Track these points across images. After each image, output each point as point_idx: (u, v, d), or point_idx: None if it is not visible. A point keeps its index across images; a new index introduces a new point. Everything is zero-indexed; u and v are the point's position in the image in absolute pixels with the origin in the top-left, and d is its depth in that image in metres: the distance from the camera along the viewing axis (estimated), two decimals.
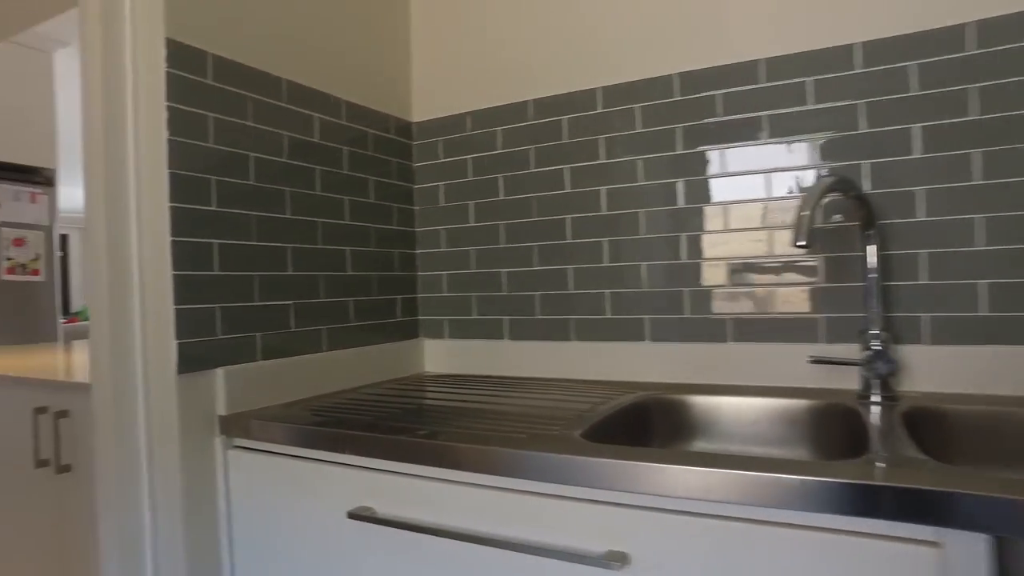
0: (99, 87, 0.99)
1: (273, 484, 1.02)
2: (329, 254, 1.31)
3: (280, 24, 1.23)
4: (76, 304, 8.41)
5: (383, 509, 0.92)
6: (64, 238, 3.73)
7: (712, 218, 1.27)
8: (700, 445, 1.16)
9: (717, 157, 1.26)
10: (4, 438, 1.73)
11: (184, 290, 1.01)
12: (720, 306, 1.26)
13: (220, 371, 1.06)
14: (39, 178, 3.72)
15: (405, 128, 1.58)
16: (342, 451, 0.94)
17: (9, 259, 3.54)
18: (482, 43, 1.52)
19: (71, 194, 8.01)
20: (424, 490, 0.89)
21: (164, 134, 1.00)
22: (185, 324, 1.01)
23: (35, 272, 3.64)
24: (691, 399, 1.17)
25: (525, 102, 1.45)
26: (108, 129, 0.99)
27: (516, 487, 0.83)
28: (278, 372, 1.17)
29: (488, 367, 1.49)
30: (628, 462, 0.73)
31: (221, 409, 1.07)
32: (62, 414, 1.57)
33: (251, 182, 1.15)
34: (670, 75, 1.30)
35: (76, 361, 2.04)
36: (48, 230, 3.72)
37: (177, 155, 1.02)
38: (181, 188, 1.02)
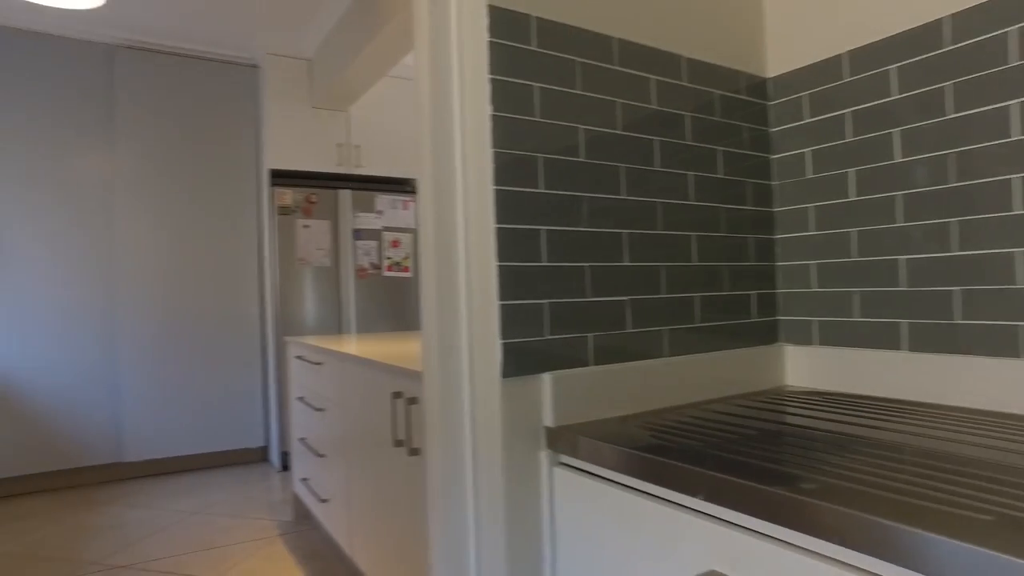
0: (427, 66, 0.94)
1: (603, 516, 0.85)
2: (671, 241, 1.11)
3: None
4: None
5: None
6: None
7: None
8: None
9: None
10: (373, 415, 1.91)
11: (509, 283, 0.90)
12: None
13: (547, 376, 0.93)
14: (409, 188, 4.28)
15: (759, 86, 1.29)
16: (690, 492, 0.73)
17: (388, 258, 4.12)
18: None
19: None
20: (808, 571, 0.62)
21: (487, 110, 0.90)
22: (510, 322, 0.90)
23: (406, 269, 4.19)
24: None
25: (937, 21, 1.05)
26: (435, 111, 0.93)
27: None
28: (612, 380, 1.00)
29: (875, 385, 1.13)
30: None
31: (548, 419, 0.94)
32: (412, 400, 1.66)
33: (581, 159, 1.00)
34: None
35: None
36: (415, 232, 4.25)
37: (501, 132, 0.91)
38: (505, 168, 0.91)
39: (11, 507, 3.30)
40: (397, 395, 1.70)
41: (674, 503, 0.76)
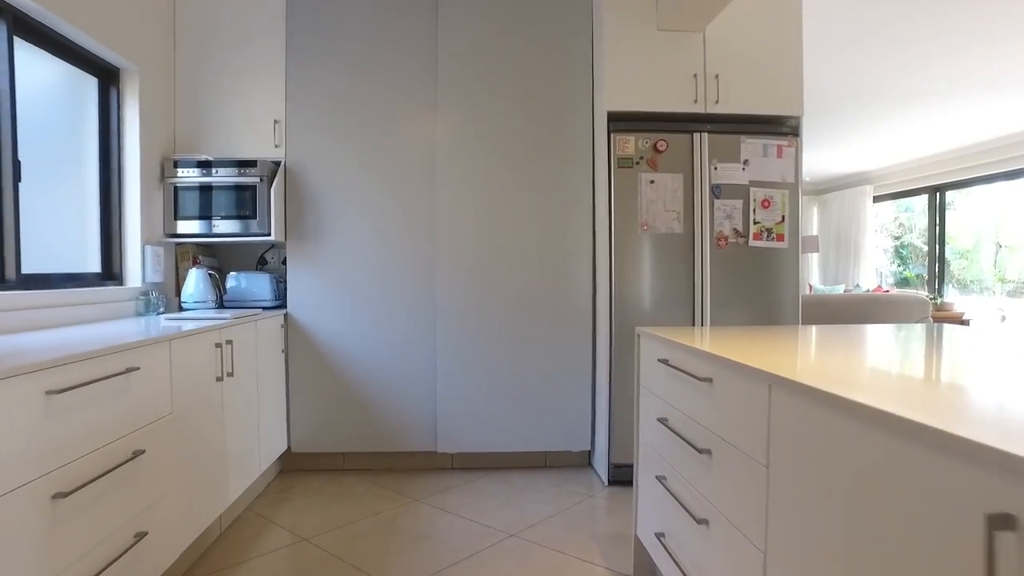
0: None
1: None
2: None
3: None
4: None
5: None
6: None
7: None
8: None
9: None
10: (881, 527, 0.96)
11: None
12: None
13: None
14: (785, 128, 3.17)
15: None
16: None
17: (757, 222, 3.08)
18: None
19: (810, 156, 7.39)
20: None
21: None
22: None
23: (779, 237, 3.11)
24: None
25: None
26: None
27: None
28: None
29: None
30: None
31: None
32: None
33: None
34: None
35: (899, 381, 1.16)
36: (794, 188, 3.14)
37: None
38: None
39: (336, 485, 3.09)
40: (1001, 521, 0.71)
41: None
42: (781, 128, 3.14)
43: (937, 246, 7.94)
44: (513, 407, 3.30)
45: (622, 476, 3.09)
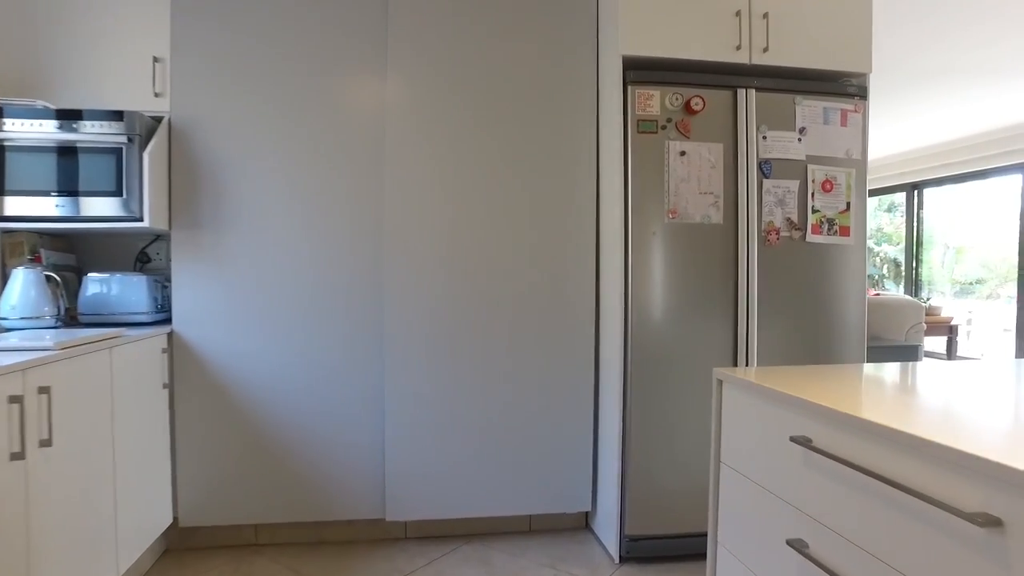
0: None
1: None
2: None
3: None
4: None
5: None
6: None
7: None
8: None
9: None
10: None
11: None
12: None
13: None
14: (850, 87, 2.43)
15: None
16: None
17: (816, 210, 2.32)
18: None
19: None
20: None
21: None
22: None
23: (844, 231, 2.36)
24: None
25: None
26: None
27: None
28: None
29: None
30: None
31: None
32: None
33: None
34: None
35: None
36: (861, 167, 2.39)
37: None
38: None
39: (241, 575, 2.16)
40: None
41: None
42: (844, 88, 2.38)
43: (915, 246, 7.52)
44: (488, 458, 2.45)
45: (640, 552, 2.28)
